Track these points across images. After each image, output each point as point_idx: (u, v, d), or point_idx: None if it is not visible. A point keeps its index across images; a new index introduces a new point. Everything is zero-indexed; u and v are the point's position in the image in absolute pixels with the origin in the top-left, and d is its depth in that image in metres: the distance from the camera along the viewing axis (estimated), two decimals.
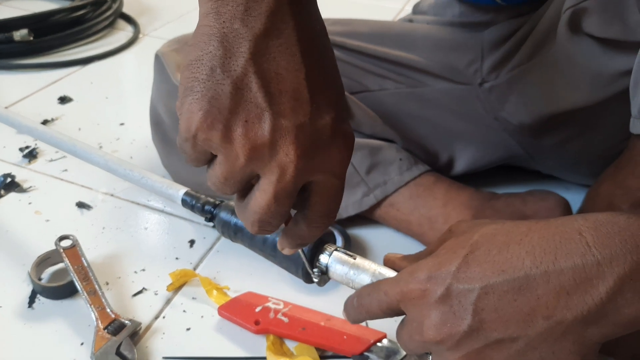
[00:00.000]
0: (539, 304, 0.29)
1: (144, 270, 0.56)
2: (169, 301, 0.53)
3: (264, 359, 0.48)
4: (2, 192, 0.66)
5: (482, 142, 0.64)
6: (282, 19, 0.29)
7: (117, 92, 0.93)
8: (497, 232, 0.31)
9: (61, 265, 0.55)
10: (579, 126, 0.58)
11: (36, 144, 0.75)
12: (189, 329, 0.50)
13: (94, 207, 0.65)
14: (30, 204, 0.65)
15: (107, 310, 0.49)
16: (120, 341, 0.46)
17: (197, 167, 0.33)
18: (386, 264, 0.38)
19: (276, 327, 0.49)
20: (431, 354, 0.33)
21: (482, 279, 0.30)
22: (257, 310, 0.50)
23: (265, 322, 0.49)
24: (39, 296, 0.52)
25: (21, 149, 0.74)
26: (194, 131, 0.29)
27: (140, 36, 1.13)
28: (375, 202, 0.60)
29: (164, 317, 0.51)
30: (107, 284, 0.54)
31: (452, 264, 0.31)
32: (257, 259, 0.44)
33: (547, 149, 0.63)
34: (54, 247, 0.54)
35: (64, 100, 0.88)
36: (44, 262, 0.54)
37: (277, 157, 0.29)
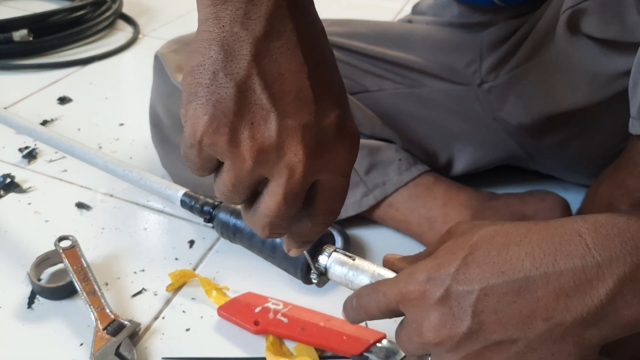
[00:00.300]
0: (538, 305, 0.29)
1: (143, 270, 0.56)
2: (168, 302, 0.53)
3: (264, 359, 0.48)
4: (2, 192, 0.66)
5: (481, 143, 0.64)
6: (282, 21, 0.29)
7: (116, 93, 0.93)
8: (496, 234, 0.31)
9: (60, 265, 0.55)
10: (578, 126, 0.59)
11: (36, 145, 0.75)
12: (188, 330, 0.50)
13: (93, 207, 0.65)
14: (29, 204, 0.65)
15: (107, 310, 0.49)
16: (119, 342, 0.46)
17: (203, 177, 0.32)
18: (385, 265, 0.38)
19: (275, 328, 0.49)
20: (430, 355, 0.33)
21: (481, 280, 0.30)
22: (256, 310, 0.50)
23: (264, 322, 0.49)
24: (38, 297, 0.52)
25: (21, 150, 0.74)
26: (199, 136, 0.29)
27: (139, 36, 1.13)
28: (374, 203, 0.60)
29: (163, 318, 0.51)
30: (107, 284, 0.54)
31: (451, 266, 0.31)
32: (257, 259, 0.44)
33: (546, 149, 0.63)
34: (54, 248, 0.54)
35: (63, 100, 0.88)
36: (43, 262, 0.54)
37: (285, 158, 0.29)
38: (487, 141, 0.64)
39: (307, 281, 0.39)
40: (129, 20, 1.19)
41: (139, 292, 0.54)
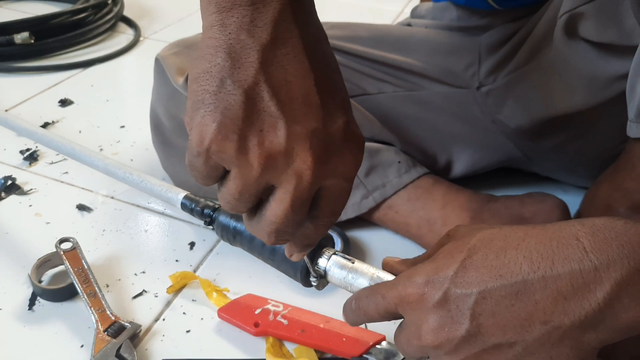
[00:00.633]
0: (536, 309, 0.29)
1: (144, 272, 0.57)
2: (168, 303, 0.53)
3: None
4: (3, 194, 0.67)
5: (480, 145, 0.65)
6: (287, 27, 0.29)
7: (117, 95, 0.93)
8: (494, 237, 0.31)
9: (61, 267, 0.55)
10: (576, 129, 0.59)
11: (37, 147, 0.75)
12: (188, 331, 0.50)
13: (94, 209, 0.65)
14: (30, 206, 0.65)
15: (107, 312, 0.49)
16: (120, 343, 0.46)
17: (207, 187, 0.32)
18: (385, 268, 0.38)
19: (275, 329, 0.49)
20: (429, 357, 0.33)
21: (479, 283, 0.30)
22: (256, 312, 0.50)
23: (264, 324, 0.49)
24: (39, 298, 0.52)
25: (22, 152, 0.74)
26: (207, 144, 0.29)
27: (140, 39, 1.14)
28: (374, 205, 0.61)
29: (163, 320, 0.51)
30: (107, 286, 0.54)
31: (449, 269, 0.31)
32: (257, 261, 0.44)
33: (545, 152, 0.64)
34: (54, 250, 0.54)
35: (64, 102, 0.88)
36: (44, 264, 0.55)
37: (293, 165, 0.29)
38: (485, 144, 0.64)
39: (307, 284, 0.39)
40: (130, 22, 1.19)
41: (140, 294, 0.54)
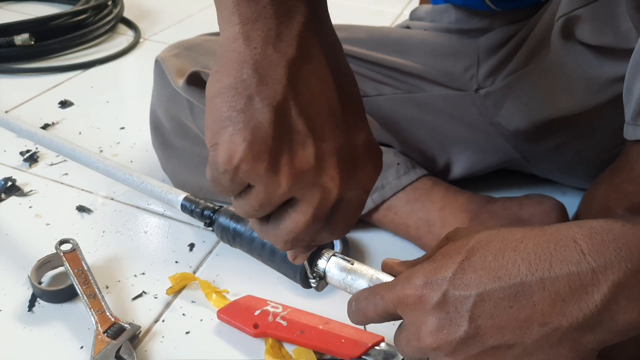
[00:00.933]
0: (534, 310, 0.29)
1: (143, 273, 0.57)
2: (168, 305, 0.53)
3: None
4: (3, 195, 0.67)
5: (479, 147, 0.65)
6: (311, 42, 0.29)
7: (117, 96, 0.93)
8: (492, 239, 0.32)
9: (61, 269, 0.55)
10: (574, 131, 0.59)
11: (37, 148, 0.75)
12: (188, 333, 0.51)
13: (94, 210, 0.65)
14: (30, 207, 0.65)
15: (107, 313, 0.49)
16: (119, 345, 0.47)
17: (225, 196, 0.32)
18: (384, 269, 0.38)
19: (275, 331, 0.49)
20: (428, 359, 0.33)
21: (478, 285, 0.30)
22: (256, 313, 0.50)
23: (264, 325, 0.49)
24: (39, 300, 0.53)
25: (22, 153, 0.74)
26: (237, 163, 0.28)
27: (140, 40, 1.14)
28: (373, 206, 0.61)
29: (163, 321, 0.51)
30: (107, 287, 0.55)
31: (448, 270, 0.31)
32: (256, 262, 0.44)
33: (543, 154, 0.64)
34: (54, 251, 0.54)
35: (64, 104, 0.88)
36: (44, 265, 0.55)
37: (321, 182, 0.29)
38: (484, 146, 0.65)
39: (306, 285, 0.40)
40: (130, 24, 1.20)
41: (139, 295, 0.54)
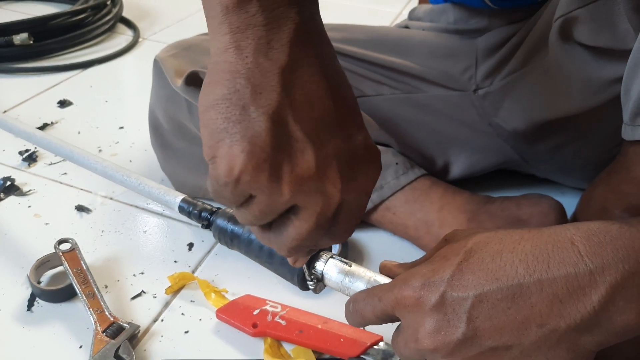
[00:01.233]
0: (532, 312, 0.29)
1: (142, 273, 0.57)
2: (167, 304, 0.53)
3: None
4: (2, 195, 0.67)
5: (478, 148, 0.65)
6: (303, 48, 0.29)
7: (116, 96, 0.93)
8: (490, 240, 0.32)
9: (60, 268, 0.55)
10: (573, 132, 0.59)
11: (36, 148, 0.75)
12: (187, 332, 0.51)
13: (93, 210, 0.65)
14: (29, 207, 0.65)
15: (106, 313, 0.49)
16: (118, 344, 0.47)
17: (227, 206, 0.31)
18: (382, 271, 0.38)
19: (274, 330, 0.49)
20: None
21: (476, 286, 0.30)
22: (254, 313, 0.51)
23: (262, 325, 0.50)
24: (37, 299, 0.53)
25: (21, 152, 0.74)
26: (237, 174, 0.28)
27: (140, 40, 1.14)
28: (372, 206, 0.61)
29: (162, 320, 0.52)
30: (106, 287, 0.55)
31: (445, 272, 0.31)
32: (255, 262, 0.44)
33: (542, 154, 0.64)
34: (53, 251, 0.54)
35: (63, 103, 0.88)
36: (43, 265, 0.55)
37: (322, 188, 0.29)
38: (483, 146, 0.65)
39: (304, 287, 0.40)
40: (129, 24, 1.20)
41: (138, 295, 0.54)
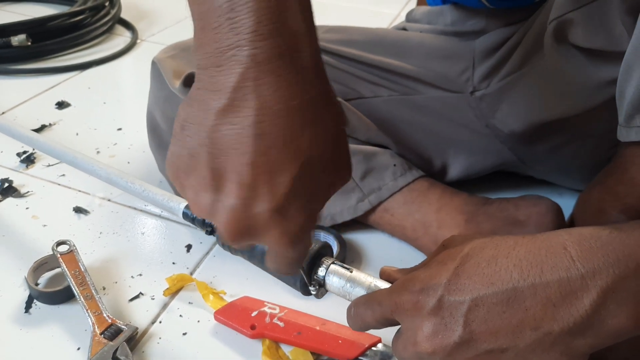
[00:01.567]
0: (527, 315, 0.30)
1: (140, 275, 0.57)
2: (165, 306, 0.53)
3: None
4: (0, 197, 0.67)
5: (475, 149, 0.65)
6: (244, 96, 0.28)
7: (115, 97, 0.93)
8: (485, 246, 0.32)
9: (58, 270, 0.55)
10: (570, 133, 0.59)
11: (34, 149, 0.75)
12: (185, 334, 0.51)
13: (91, 212, 0.65)
14: (27, 208, 0.65)
15: (104, 315, 0.49)
16: (116, 346, 0.47)
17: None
18: (382, 276, 0.39)
19: (272, 332, 0.49)
20: None
21: (472, 291, 0.31)
22: (253, 314, 0.51)
23: (261, 326, 0.50)
24: (35, 301, 0.53)
25: (19, 154, 0.74)
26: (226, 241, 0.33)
27: (138, 42, 1.14)
28: (370, 208, 0.61)
29: (160, 322, 0.52)
30: (104, 288, 0.55)
31: (442, 276, 0.32)
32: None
33: (539, 156, 0.64)
34: (51, 252, 0.54)
35: (61, 105, 0.88)
36: (41, 267, 0.55)
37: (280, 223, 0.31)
38: (480, 148, 0.65)
39: (306, 293, 0.40)
40: (127, 25, 1.20)
41: (136, 297, 0.54)
